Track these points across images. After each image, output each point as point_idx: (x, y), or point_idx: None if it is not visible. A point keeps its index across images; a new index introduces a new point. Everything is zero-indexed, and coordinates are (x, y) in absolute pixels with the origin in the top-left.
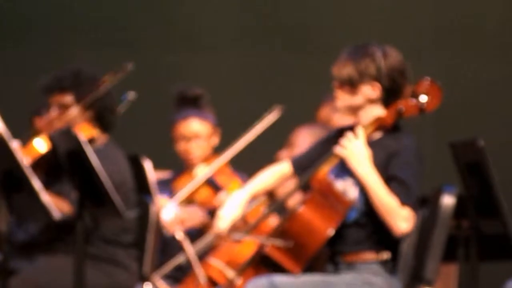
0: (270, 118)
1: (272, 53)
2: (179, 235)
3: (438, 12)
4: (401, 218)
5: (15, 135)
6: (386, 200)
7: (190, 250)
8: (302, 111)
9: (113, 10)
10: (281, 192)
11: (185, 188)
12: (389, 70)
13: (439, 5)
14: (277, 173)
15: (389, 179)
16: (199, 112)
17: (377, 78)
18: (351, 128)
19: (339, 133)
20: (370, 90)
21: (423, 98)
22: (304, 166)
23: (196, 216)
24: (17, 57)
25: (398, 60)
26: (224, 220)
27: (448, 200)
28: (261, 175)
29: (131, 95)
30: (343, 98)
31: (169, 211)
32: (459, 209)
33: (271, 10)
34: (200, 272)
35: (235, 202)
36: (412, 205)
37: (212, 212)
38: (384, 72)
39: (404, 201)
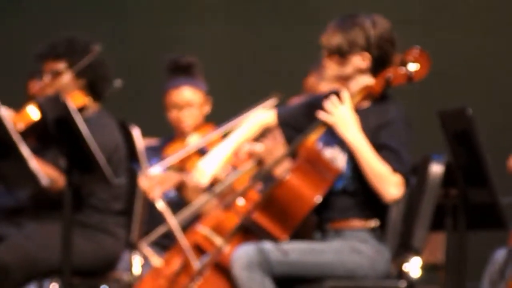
0: (266, 105)
1: (260, 25)
2: (160, 205)
3: None
4: (391, 184)
5: (9, 100)
6: (376, 166)
7: (172, 219)
8: (291, 83)
9: None
10: (269, 160)
11: (176, 155)
12: (378, 40)
13: None
14: (260, 123)
15: (380, 148)
16: (191, 81)
17: (366, 48)
18: (336, 93)
19: (325, 98)
20: (360, 61)
21: (412, 67)
22: (288, 122)
23: (172, 176)
24: (10, 24)
25: (386, 29)
26: (205, 174)
27: (436, 169)
28: (244, 125)
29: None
30: (332, 68)
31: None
32: (447, 178)
33: None
34: (183, 242)
35: (218, 156)
36: (404, 172)
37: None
38: (373, 42)
39: (396, 168)
